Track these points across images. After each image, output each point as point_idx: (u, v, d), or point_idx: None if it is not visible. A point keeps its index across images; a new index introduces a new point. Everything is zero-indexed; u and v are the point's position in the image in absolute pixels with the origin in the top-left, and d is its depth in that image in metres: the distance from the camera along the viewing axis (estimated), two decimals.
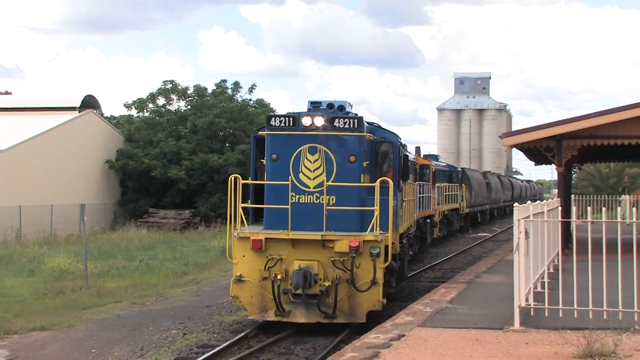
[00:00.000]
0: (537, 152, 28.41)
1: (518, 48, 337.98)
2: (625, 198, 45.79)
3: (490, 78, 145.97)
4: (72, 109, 54.74)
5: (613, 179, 69.83)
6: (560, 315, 13.77)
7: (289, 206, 17.33)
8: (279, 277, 17.09)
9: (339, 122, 17.76)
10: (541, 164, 37.70)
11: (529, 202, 15.37)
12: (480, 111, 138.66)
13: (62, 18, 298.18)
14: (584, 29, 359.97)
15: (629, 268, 13.26)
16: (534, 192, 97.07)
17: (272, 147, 18.17)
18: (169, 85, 58.33)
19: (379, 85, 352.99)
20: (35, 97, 60.53)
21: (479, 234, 49.36)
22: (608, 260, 13.45)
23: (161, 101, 58.98)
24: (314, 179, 17.74)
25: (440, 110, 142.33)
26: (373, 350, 12.14)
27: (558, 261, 19.41)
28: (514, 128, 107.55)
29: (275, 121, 18.17)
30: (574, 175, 62.80)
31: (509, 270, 16.37)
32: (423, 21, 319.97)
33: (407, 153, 23.11)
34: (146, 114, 59.15)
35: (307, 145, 17.87)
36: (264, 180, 18.69)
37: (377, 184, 17.35)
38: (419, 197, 28.87)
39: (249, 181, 19.10)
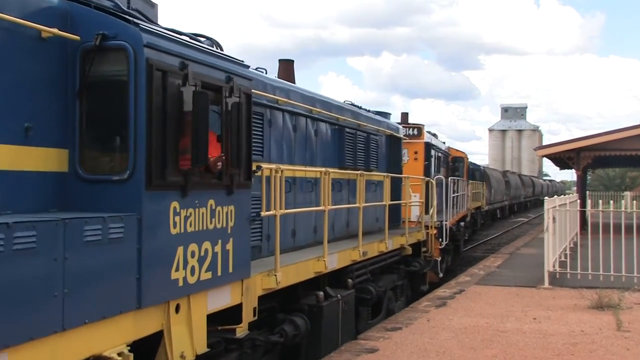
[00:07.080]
0: (562, 160, 28.10)
1: (547, 85, 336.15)
2: (627, 194, 43.78)
3: (526, 107, 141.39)
4: None
5: (618, 180, 68.00)
6: (579, 277, 13.36)
7: None
8: None
9: None
10: (564, 169, 36.84)
11: (555, 196, 14.84)
12: (519, 131, 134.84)
13: None
14: (595, 72, 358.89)
15: (630, 244, 12.99)
16: (555, 189, 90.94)
17: None
18: None
19: (446, 112, 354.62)
20: None
21: (518, 219, 47.75)
22: (614, 239, 13.06)
23: None
24: None
25: (490, 130, 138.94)
26: (441, 300, 11.86)
27: (577, 239, 18.83)
28: (544, 143, 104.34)
29: None
30: (589, 177, 60.69)
31: (540, 245, 15.78)
32: (478, 67, 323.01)
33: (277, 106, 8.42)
34: None
35: None
36: None
37: None
38: (453, 196, 17.72)
39: None
